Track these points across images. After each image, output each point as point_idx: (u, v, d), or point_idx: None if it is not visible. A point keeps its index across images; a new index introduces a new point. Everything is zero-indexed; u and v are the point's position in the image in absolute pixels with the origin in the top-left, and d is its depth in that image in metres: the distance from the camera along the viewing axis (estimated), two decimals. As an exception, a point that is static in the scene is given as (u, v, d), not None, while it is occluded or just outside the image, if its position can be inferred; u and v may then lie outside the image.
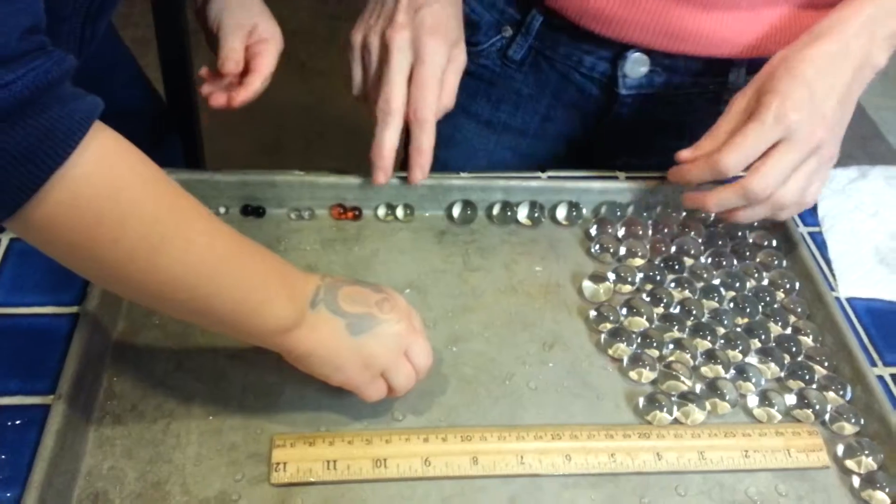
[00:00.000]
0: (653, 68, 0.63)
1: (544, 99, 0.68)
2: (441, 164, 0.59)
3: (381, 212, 0.59)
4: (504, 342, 0.51)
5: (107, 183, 0.34)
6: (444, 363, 0.50)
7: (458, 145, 0.73)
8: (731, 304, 0.55)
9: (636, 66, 0.62)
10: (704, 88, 0.64)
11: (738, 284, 0.56)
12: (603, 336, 0.52)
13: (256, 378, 0.48)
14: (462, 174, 0.61)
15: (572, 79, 0.66)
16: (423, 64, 0.53)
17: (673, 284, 0.56)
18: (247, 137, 1.77)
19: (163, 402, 0.46)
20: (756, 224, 0.60)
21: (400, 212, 0.59)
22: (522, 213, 0.60)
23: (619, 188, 0.61)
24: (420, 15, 0.53)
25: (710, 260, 0.58)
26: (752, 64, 0.62)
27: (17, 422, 0.45)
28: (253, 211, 0.58)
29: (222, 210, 0.57)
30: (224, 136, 1.75)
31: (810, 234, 0.62)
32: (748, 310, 0.54)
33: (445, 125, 0.73)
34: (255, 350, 0.49)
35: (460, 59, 0.55)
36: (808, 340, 0.52)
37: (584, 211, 0.60)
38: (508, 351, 0.51)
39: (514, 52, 0.65)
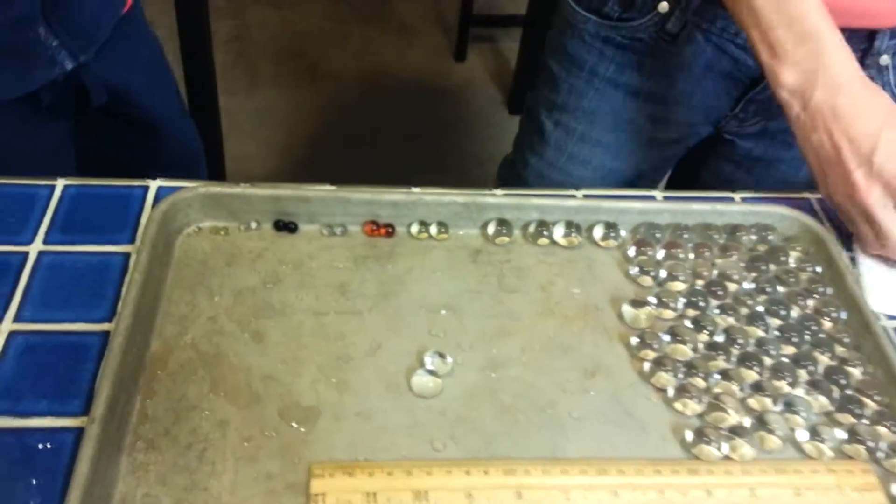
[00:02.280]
0: None
1: (696, 69, 0.70)
2: (580, 134, 0.56)
3: (415, 229, 0.57)
4: (544, 368, 0.50)
5: None
6: (483, 389, 0.48)
7: (604, 117, 0.75)
8: (777, 333, 0.53)
9: None
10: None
11: (783, 312, 0.54)
12: (646, 364, 0.50)
13: (292, 401, 0.46)
14: (496, 192, 0.60)
15: (727, 50, 0.67)
16: None
17: (717, 311, 0.54)
18: (258, 139, 1.77)
19: (197, 426, 0.45)
20: (798, 249, 0.59)
21: (433, 229, 0.57)
22: (558, 233, 0.58)
23: (657, 208, 0.59)
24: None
25: (753, 285, 0.56)
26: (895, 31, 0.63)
27: (49, 445, 0.44)
28: (285, 226, 0.56)
29: (254, 225, 0.56)
30: (239, 136, 1.74)
31: (852, 258, 0.60)
32: (794, 339, 0.53)
33: (594, 98, 0.75)
34: (289, 371, 0.48)
35: None
36: (856, 372, 0.51)
37: (622, 231, 0.59)
38: (548, 377, 0.49)
39: (672, 26, 0.67)
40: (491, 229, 0.58)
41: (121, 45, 0.67)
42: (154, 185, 0.59)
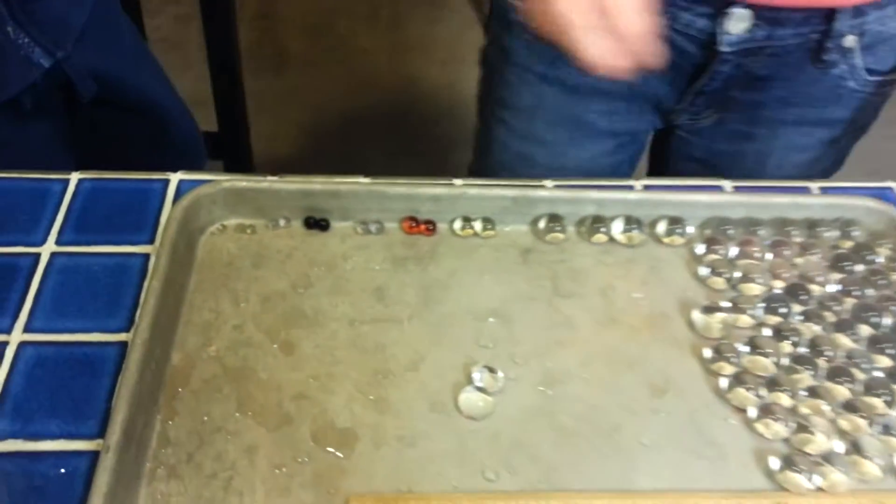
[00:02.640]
0: (756, 22, 0.56)
1: None
2: (522, 132, 0.50)
3: (458, 225, 0.52)
4: (607, 385, 0.45)
5: None
6: (540, 410, 0.43)
7: (543, 113, 0.68)
8: (870, 343, 0.47)
9: (739, 23, 0.56)
10: (806, 38, 0.58)
11: (874, 319, 0.48)
12: (722, 380, 0.45)
13: (326, 423, 0.42)
14: (547, 183, 0.54)
15: (667, 36, 0.60)
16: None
17: (800, 318, 0.48)
18: (287, 119, 1.72)
19: (222, 451, 0.41)
20: (888, 246, 0.52)
21: (478, 225, 0.52)
22: (617, 229, 0.52)
23: (728, 201, 0.53)
24: None
25: (839, 288, 0.50)
26: (859, 9, 0.56)
27: (62, 470, 0.40)
28: (316, 224, 0.51)
29: (283, 222, 0.51)
30: (265, 116, 1.70)
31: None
32: (889, 350, 0.46)
33: (525, 95, 0.68)
34: (322, 388, 0.43)
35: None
36: (966, 390, 0.45)
37: (689, 227, 0.53)
38: (613, 396, 0.44)
39: None
40: (542, 225, 0.52)
41: (100, 31, 0.62)
42: (175, 178, 0.54)
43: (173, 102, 0.73)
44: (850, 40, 0.59)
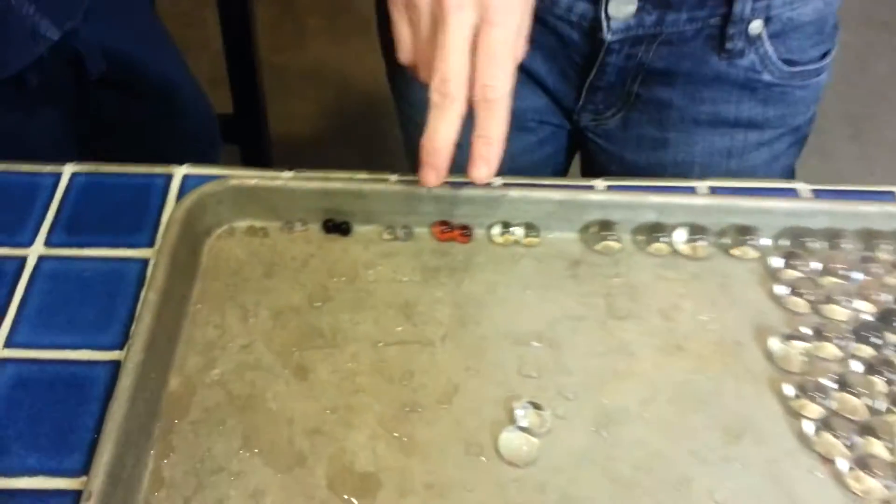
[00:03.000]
0: (641, 5, 0.50)
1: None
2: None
3: (496, 231, 0.46)
4: (672, 428, 0.38)
5: None
6: (593, 456, 0.37)
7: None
8: (982, 383, 0.40)
9: (622, 5, 0.50)
10: (704, 24, 0.51)
11: None
12: (807, 424, 0.38)
13: (345, 465, 0.36)
14: (597, 183, 0.48)
15: (548, 23, 0.54)
16: (493, 27, 0.37)
17: (899, 351, 0.41)
18: (309, 100, 1.66)
19: (224, 496, 0.35)
20: None
21: (520, 232, 0.46)
22: (680, 238, 0.46)
23: (809, 209, 0.46)
24: None
25: (942, 314, 0.43)
26: None
27: (39, 514, 0.34)
28: (336, 227, 0.45)
29: (299, 226, 0.45)
30: (285, 95, 1.63)
31: None
32: None
33: (416, 88, 0.59)
34: (341, 422, 0.37)
35: (528, 18, 0.40)
36: None
37: (763, 238, 0.46)
38: (680, 441, 0.38)
39: None
40: (593, 233, 0.46)
41: (111, 3, 0.56)
42: (179, 172, 0.48)
43: (187, 84, 0.67)
44: (755, 26, 0.52)
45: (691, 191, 0.48)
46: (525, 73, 0.58)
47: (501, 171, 0.64)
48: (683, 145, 0.58)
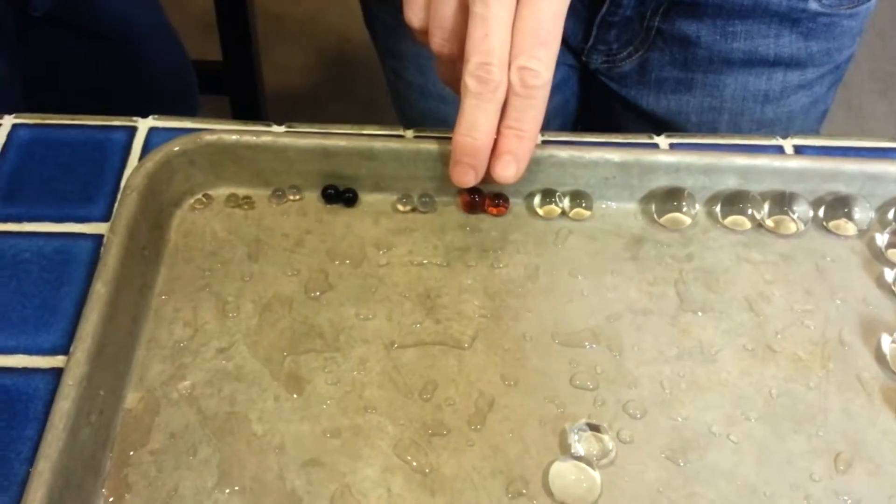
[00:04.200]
0: None
1: None
2: (418, 88, 0.39)
3: (537, 201, 0.37)
4: (765, 452, 0.30)
5: None
6: (668, 491, 0.29)
7: (426, 60, 0.53)
8: None
9: None
10: None
11: None
12: (942, 451, 0.30)
13: (350, 505, 0.28)
14: (660, 140, 0.39)
15: None
16: (533, 2, 0.30)
17: None
18: (306, 48, 1.55)
19: (195, 549, 0.27)
20: None
21: (566, 203, 0.37)
22: (764, 211, 0.37)
23: (925, 172, 0.37)
24: None
25: None
26: None
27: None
28: (339, 196, 0.36)
29: (292, 194, 0.36)
30: (281, 44, 1.52)
31: None
32: None
33: (403, 40, 0.52)
34: (345, 450, 0.29)
35: None
36: None
37: (867, 210, 0.37)
38: (775, 469, 0.30)
39: None
40: (659, 203, 0.37)
41: None
42: (144, 125, 0.39)
43: (153, 25, 0.57)
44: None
45: (779, 150, 0.39)
46: None
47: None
48: (711, 88, 0.50)
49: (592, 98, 0.58)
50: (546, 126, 0.58)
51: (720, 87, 0.50)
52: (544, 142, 0.39)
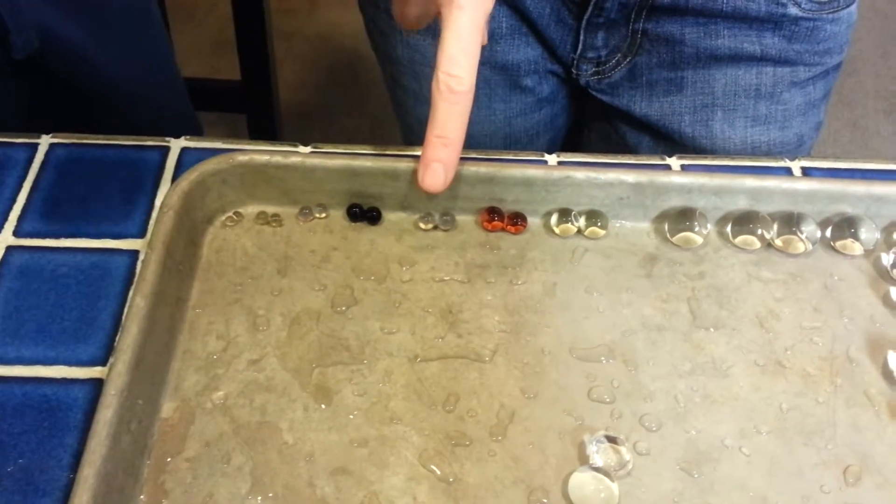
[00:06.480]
0: None
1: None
2: (413, 92, 0.43)
3: (554, 220, 0.38)
4: (776, 464, 0.31)
5: None
6: (682, 500, 0.30)
7: (422, 67, 0.55)
8: None
9: None
10: None
11: None
12: (948, 465, 0.31)
13: (377, 512, 0.29)
14: (672, 161, 0.40)
15: None
16: (461, 9, 0.32)
17: None
18: (319, 66, 1.57)
19: (229, 553, 0.28)
20: None
21: (582, 222, 0.38)
22: (774, 231, 0.38)
23: (929, 193, 0.38)
24: None
25: None
26: None
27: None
28: (364, 214, 0.38)
29: (319, 212, 0.38)
30: (293, 62, 1.55)
31: None
32: None
33: (399, 46, 0.54)
34: (372, 459, 0.30)
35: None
36: None
37: (872, 231, 0.38)
38: (786, 481, 0.31)
39: None
40: (672, 223, 0.38)
41: None
42: (177, 144, 0.41)
43: (155, 80, 0.56)
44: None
45: (788, 172, 0.40)
46: (516, 16, 0.50)
47: (496, 139, 0.55)
48: (702, 84, 0.50)
49: (586, 116, 0.59)
50: (535, 141, 0.60)
51: (710, 82, 0.50)
52: (560, 162, 0.41)
